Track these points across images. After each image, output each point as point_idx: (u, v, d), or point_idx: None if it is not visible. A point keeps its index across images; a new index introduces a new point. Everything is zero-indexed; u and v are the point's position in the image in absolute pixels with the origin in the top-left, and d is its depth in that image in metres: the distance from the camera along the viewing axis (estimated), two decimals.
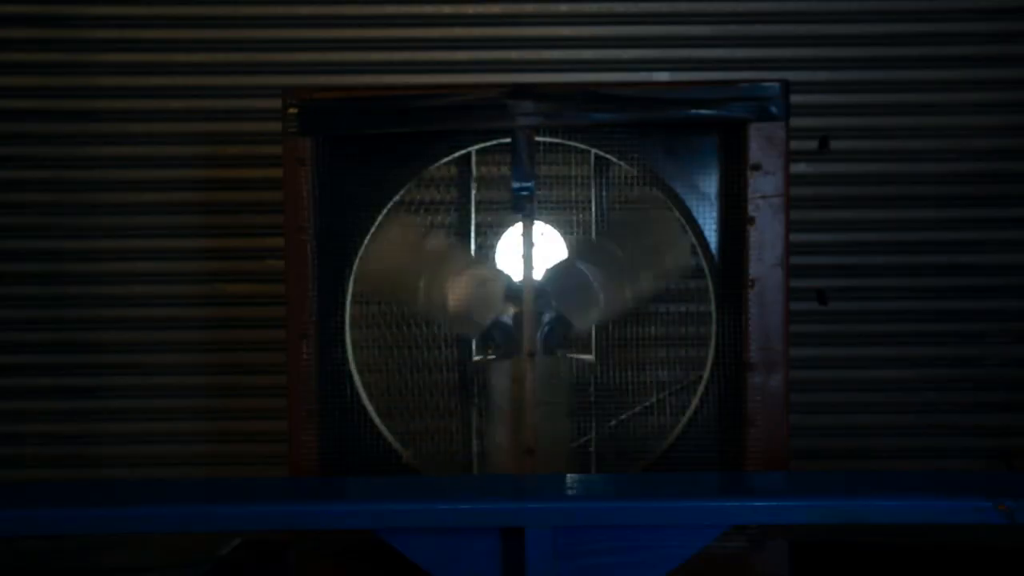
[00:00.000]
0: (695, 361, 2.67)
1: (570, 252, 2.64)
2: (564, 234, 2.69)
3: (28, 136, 3.57)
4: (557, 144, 2.60)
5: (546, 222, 2.66)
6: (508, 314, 2.57)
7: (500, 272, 2.62)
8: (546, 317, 2.57)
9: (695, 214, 2.63)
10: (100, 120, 3.57)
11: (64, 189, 3.59)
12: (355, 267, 2.63)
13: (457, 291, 2.56)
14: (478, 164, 2.73)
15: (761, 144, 2.52)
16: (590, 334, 2.70)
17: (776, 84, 2.53)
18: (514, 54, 3.54)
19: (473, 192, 2.74)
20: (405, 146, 2.63)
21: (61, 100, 3.57)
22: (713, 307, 2.61)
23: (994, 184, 3.56)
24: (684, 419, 2.64)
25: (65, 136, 3.58)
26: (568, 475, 2.45)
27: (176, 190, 3.59)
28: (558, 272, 2.58)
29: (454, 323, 2.61)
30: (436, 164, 2.65)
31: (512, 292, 2.57)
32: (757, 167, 2.52)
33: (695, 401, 2.63)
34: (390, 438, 2.64)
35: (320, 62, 3.53)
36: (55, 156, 3.58)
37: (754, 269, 2.52)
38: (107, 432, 3.59)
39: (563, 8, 3.55)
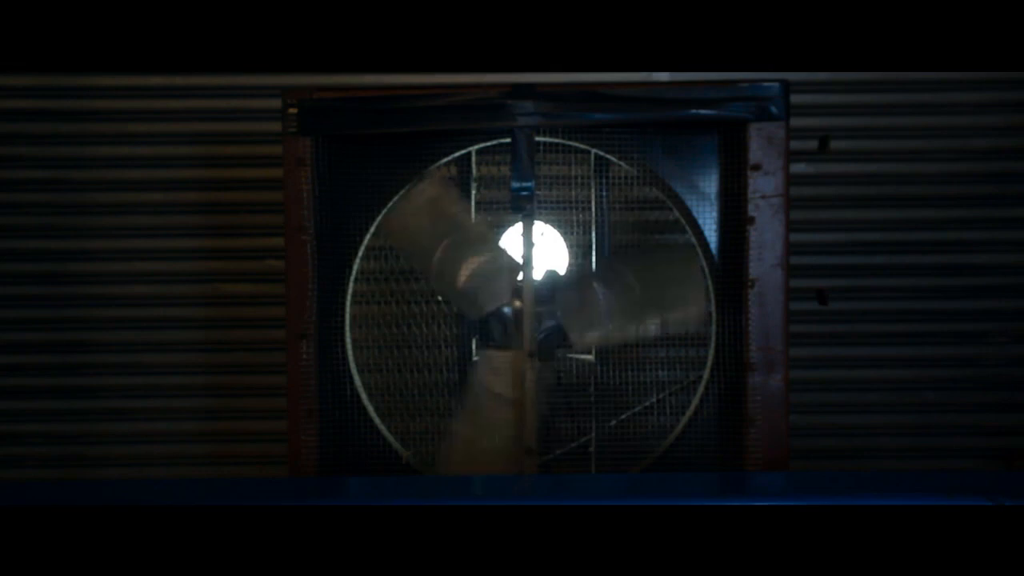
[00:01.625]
0: (695, 361, 2.67)
1: (585, 267, 2.64)
2: (565, 234, 2.69)
3: (28, 136, 3.57)
4: (557, 144, 2.60)
5: (546, 222, 2.66)
6: (510, 307, 2.57)
7: (517, 264, 2.61)
8: (546, 323, 2.57)
9: (695, 214, 2.63)
10: (100, 120, 3.58)
11: (64, 189, 3.59)
12: (355, 267, 2.64)
13: (471, 268, 2.56)
14: (478, 164, 2.73)
15: (761, 144, 2.52)
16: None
17: (776, 84, 2.53)
18: None
19: (473, 192, 2.74)
20: (405, 146, 2.63)
21: (61, 100, 3.57)
22: (713, 307, 2.61)
23: (994, 184, 3.56)
24: (684, 419, 2.64)
25: (65, 136, 3.58)
26: (568, 475, 2.45)
27: (176, 190, 3.59)
28: (569, 283, 2.58)
29: (457, 297, 2.61)
30: (436, 164, 2.65)
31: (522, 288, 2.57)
32: (757, 167, 2.52)
33: (695, 401, 2.63)
34: (390, 438, 2.64)
35: None
36: (55, 156, 3.58)
37: (754, 269, 2.52)
38: (107, 432, 3.59)
39: None
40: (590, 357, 2.71)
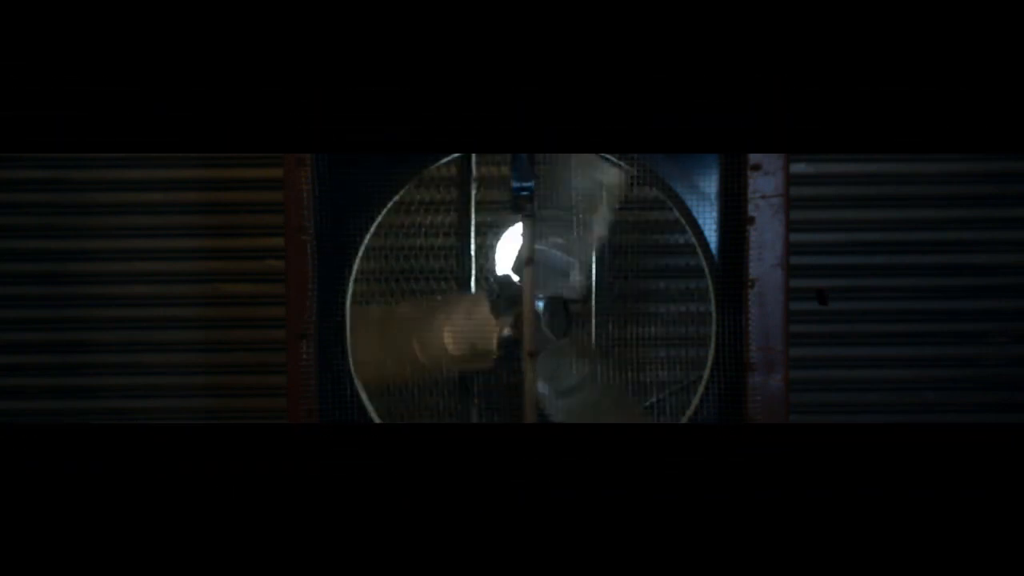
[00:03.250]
0: (695, 361, 2.67)
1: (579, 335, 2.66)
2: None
3: None
4: None
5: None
6: (507, 330, 2.56)
7: (478, 293, 2.60)
8: (541, 304, 2.57)
9: (695, 214, 2.63)
10: None
11: (64, 189, 3.59)
12: (355, 267, 2.64)
13: (451, 337, 2.55)
14: (478, 164, 2.73)
15: None
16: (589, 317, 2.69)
17: None
18: None
19: (473, 192, 2.74)
20: None
21: None
22: (713, 307, 2.61)
23: (994, 184, 3.56)
24: (684, 419, 2.63)
25: None
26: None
27: (176, 190, 3.59)
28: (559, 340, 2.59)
29: (464, 366, 2.59)
30: (436, 164, 2.65)
31: (504, 294, 2.57)
32: (757, 167, 2.52)
33: (695, 401, 2.63)
34: None
35: None
36: (55, 156, 3.58)
37: (754, 269, 2.52)
38: None
39: None
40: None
